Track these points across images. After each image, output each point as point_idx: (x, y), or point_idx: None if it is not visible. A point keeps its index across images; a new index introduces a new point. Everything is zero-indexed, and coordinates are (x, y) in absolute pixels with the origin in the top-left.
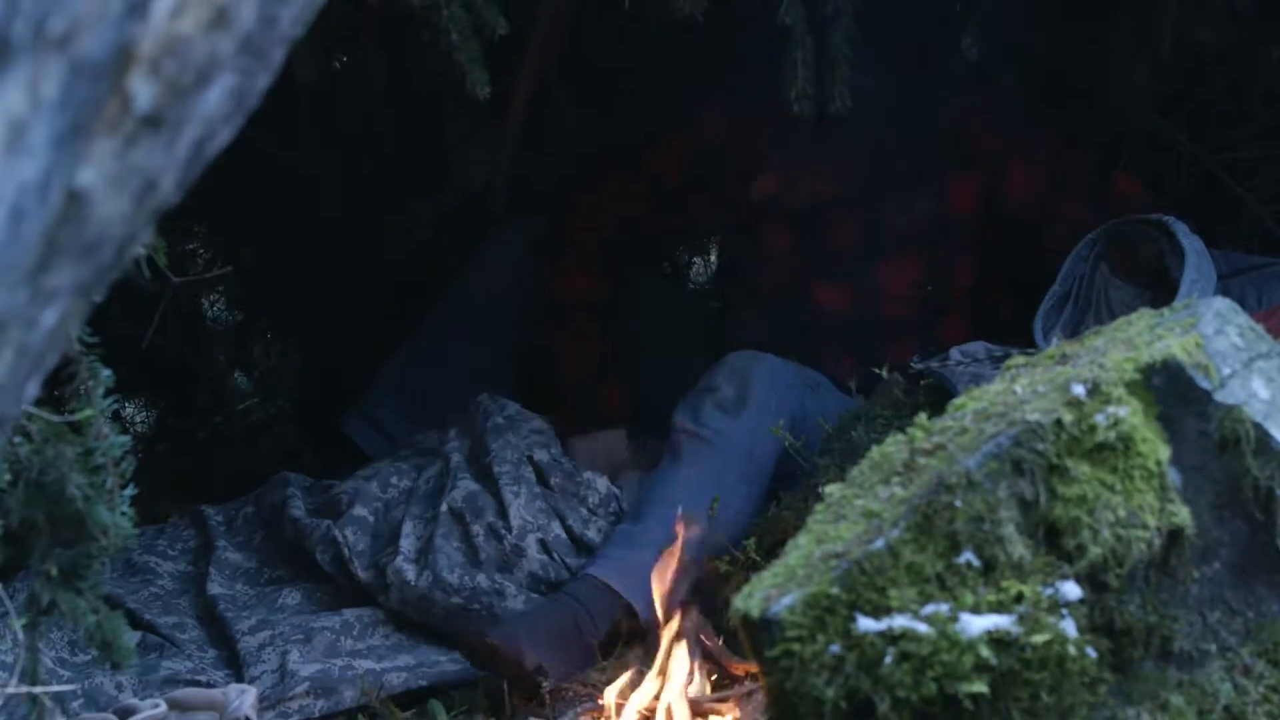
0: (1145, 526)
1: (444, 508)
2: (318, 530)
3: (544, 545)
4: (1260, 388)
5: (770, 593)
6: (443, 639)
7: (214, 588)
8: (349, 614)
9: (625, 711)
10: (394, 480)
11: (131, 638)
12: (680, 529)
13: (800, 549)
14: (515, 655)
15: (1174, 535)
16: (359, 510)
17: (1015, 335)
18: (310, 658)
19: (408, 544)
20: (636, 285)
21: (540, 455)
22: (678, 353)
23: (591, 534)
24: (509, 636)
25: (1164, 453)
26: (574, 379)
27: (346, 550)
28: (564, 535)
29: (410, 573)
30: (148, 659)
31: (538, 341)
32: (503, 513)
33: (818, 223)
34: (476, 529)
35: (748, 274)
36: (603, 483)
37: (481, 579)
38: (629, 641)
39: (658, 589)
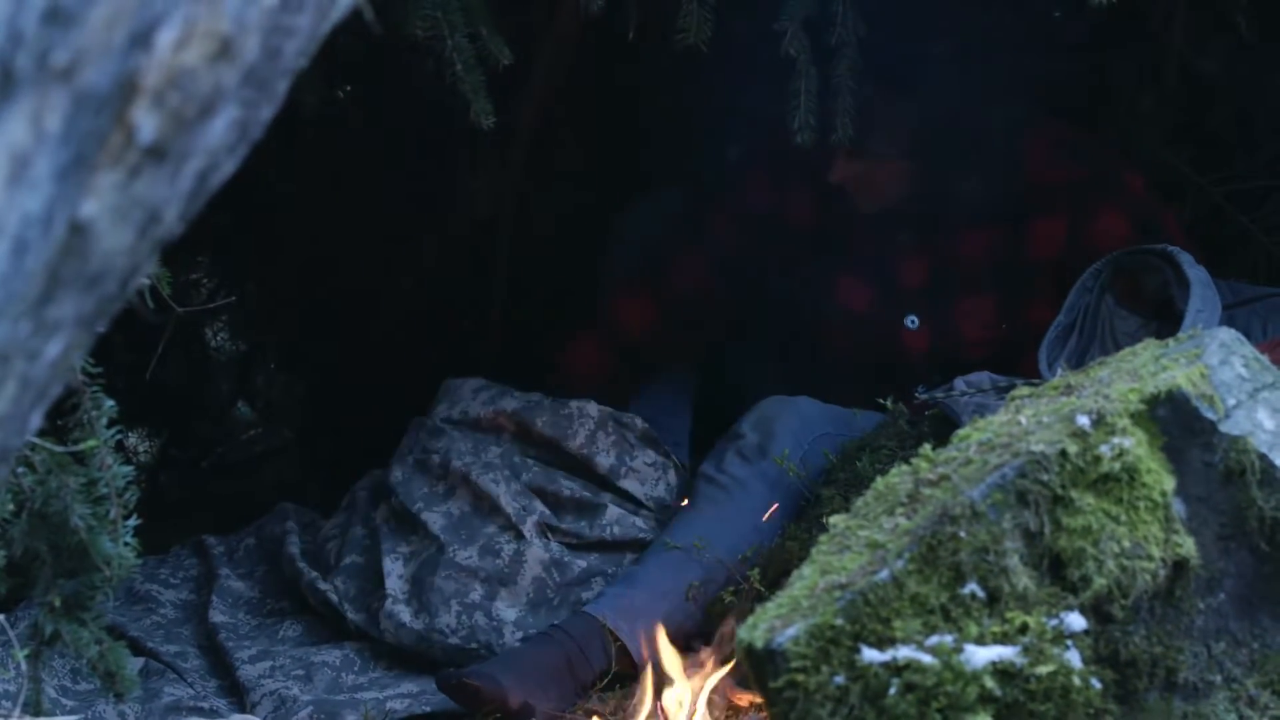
0: (1150, 557)
1: (424, 536)
2: (309, 578)
3: (544, 529)
4: (1265, 418)
5: (775, 624)
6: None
7: (216, 615)
8: (350, 648)
9: None
10: (375, 517)
11: (134, 665)
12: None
13: (804, 580)
14: (499, 695)
15: (1179, 566)
16: (348, 559)
17: None
18: (311, 692)
19: (394, 584)
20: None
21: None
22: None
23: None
24: (489, 677)
25: (1169, 483)
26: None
27: (335, 597)
28: (550, 511)
29: (404, 615)
30: (150, 686)
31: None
32: (494, 509)
33: (891, 265)
34: (468, 554)
35: (820, 324)
36: (592, 408)
37: (480, 617)
38: (622, 681)
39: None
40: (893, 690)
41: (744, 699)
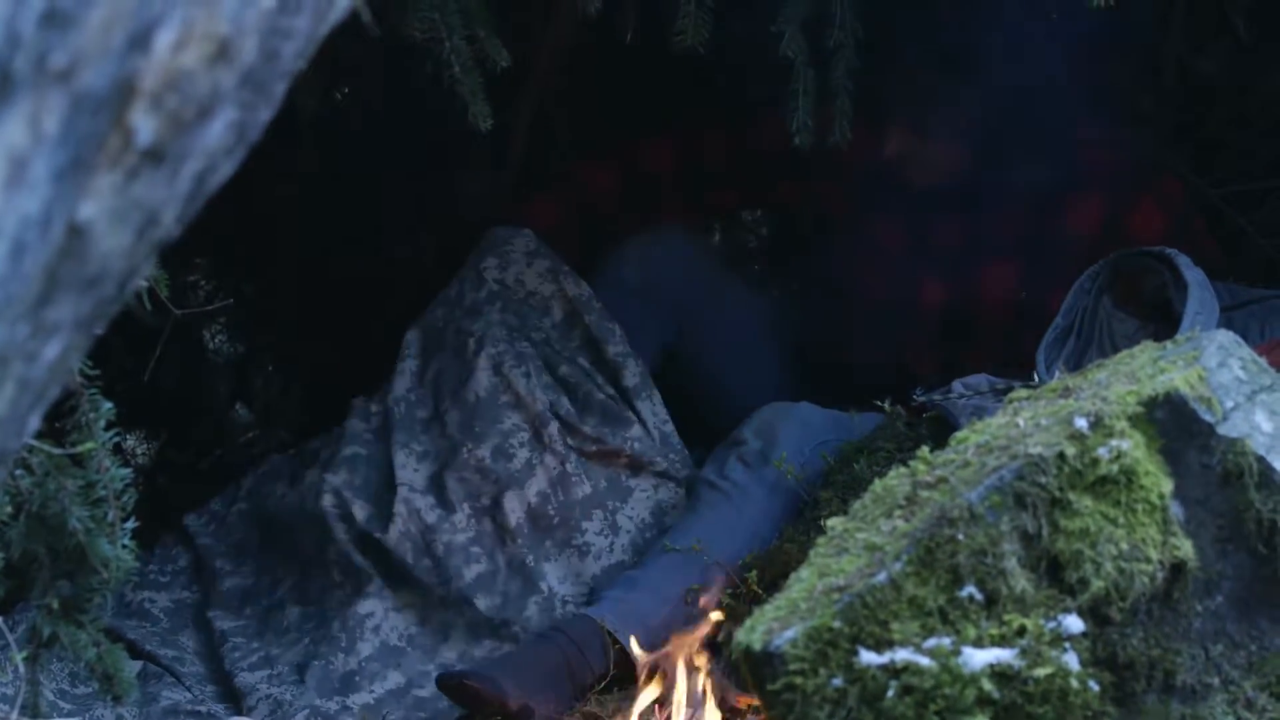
0: (1148, 560)
1: (440, 434)
2: (308, 481)
3: (565, 428)
4: (1263, 421)
5: (772, 626)
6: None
7: (222, 621)
8: (352, 660)
9: None
10: (373, 409)
11: (132, 668)
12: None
13: (802, 582)
14: (498, 697)
15: (1176, 569)
16: (348, 450)
17: None
18: (305, 696)
19: (408, 475)
20: (725, 286)
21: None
22: (753, 355)
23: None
24: (488, 680)
25: (1167, 486)
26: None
27: (335, 497)
28: (577, 411)
29: (420, 504)
30: (148, 690)
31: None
32: (518, 403)
33: (928, 220)
34: (482, 452)
35: (844, 270)
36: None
37: (487, 522)
38: (621, 684)
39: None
40: (891, 692)
41: (742, 701)
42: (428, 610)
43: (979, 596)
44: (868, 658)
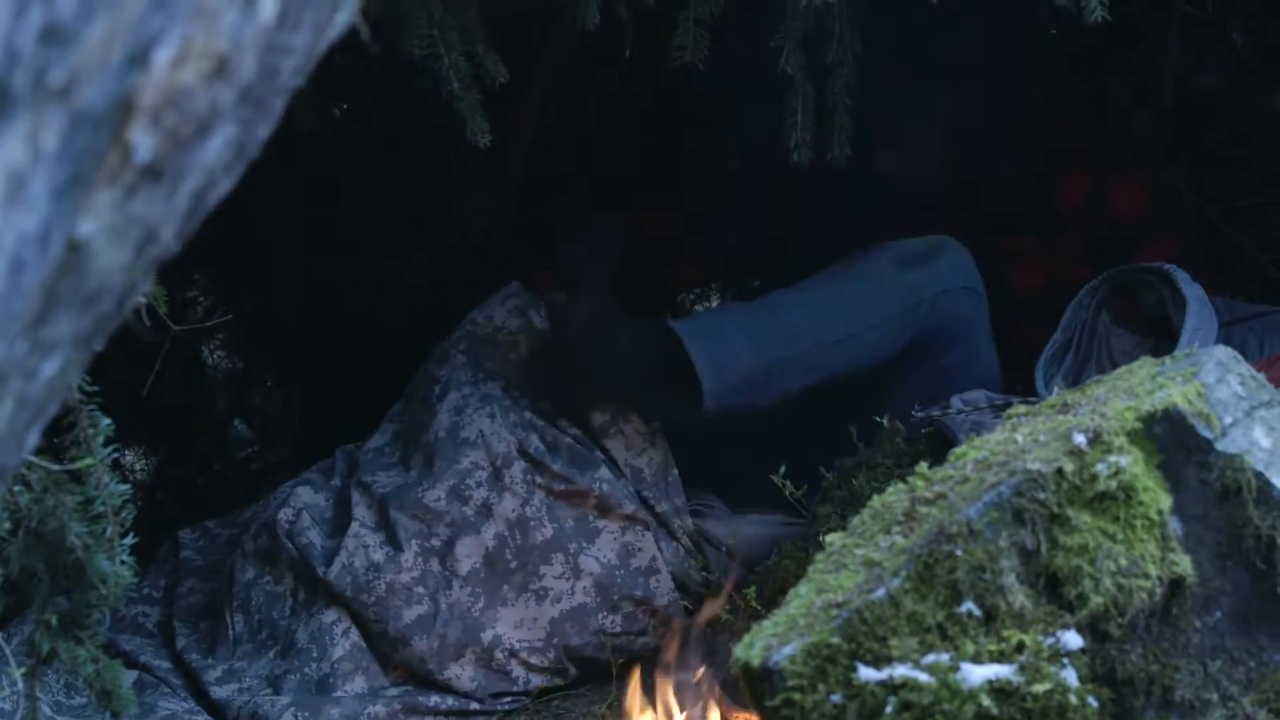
0: (1147, 576)
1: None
2: (273, 501)
3: (533, 465)
4: (1262, 437)
5: (771, 642)
6: (428, 681)
7: (180, 639)
8: (325, 665)
9: None
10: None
11: (129, 678)
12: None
13: (801, 598)
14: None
15: (1175, 584)
16: (310, 475)
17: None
18: (284, 703)
19: (361, 513)
20: None
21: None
22: None
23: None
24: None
25: (1165, 502)
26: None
27: (291, 513)
28: (545, 448)
29: (370, 540)
30: (145, 700)
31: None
32: (479, 441)
33: (930, 217)
34: (436, 494)
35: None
36: None
37: (435, 563)
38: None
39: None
40: (889, 709)
41: (740, 717)
42: (369, 639)
43: (978, 612)
44: (866, 674)
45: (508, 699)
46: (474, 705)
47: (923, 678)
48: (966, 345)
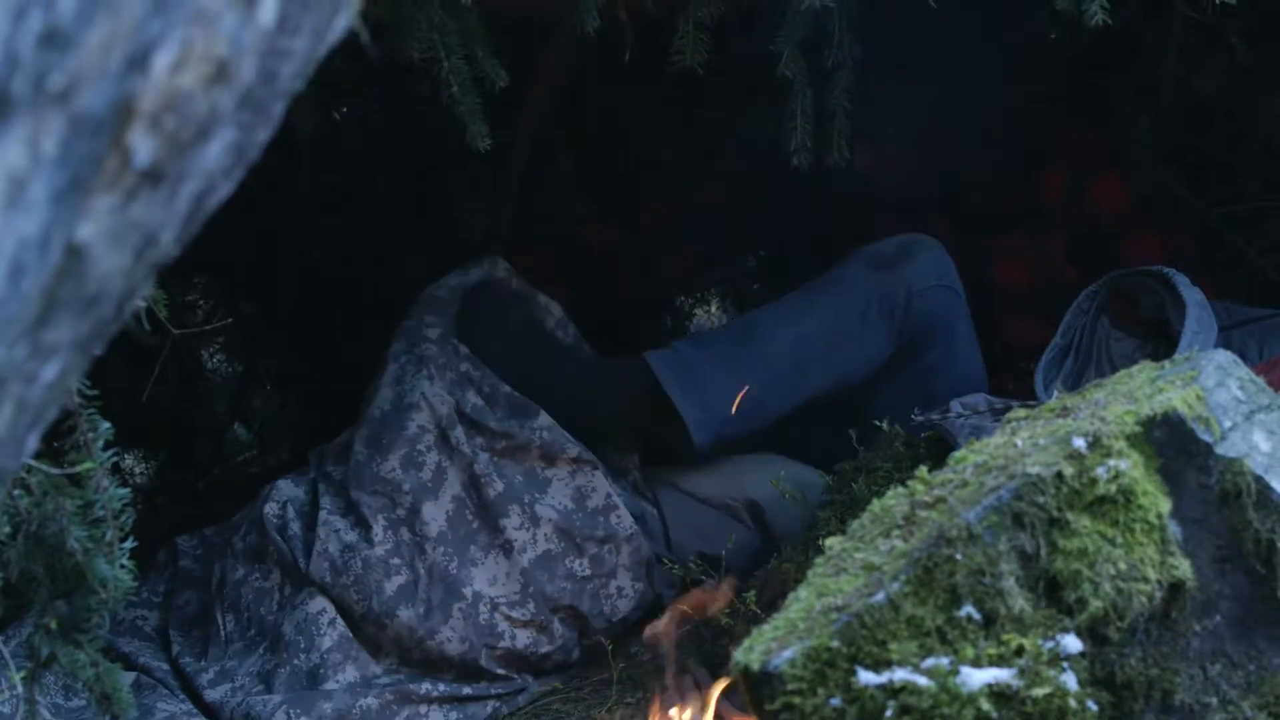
0: (1146, 580)
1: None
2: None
3: (472, 425)
4: (1261, 440)
5: (770, 646)
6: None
7: (175, 644)
8: (314, 656)
9: None
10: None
11: (128, 680)
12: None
13: (800, 602)
14: None
15: (1175, 588)
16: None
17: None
18: (276, 701)
19: (329, 501)
20: None
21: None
22: None
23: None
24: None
25: (1165, 506)
26: None
27: (277, 508)
28: (484, 403)
29: (340, 525)
30: (144, 702)
31: None
32: (421, 404)
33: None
34: (390, 465)
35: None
36: (556, 307)
37: (405, 532)
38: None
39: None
40: (889, 713)
41: None
42: (355, 625)
43: (977, 616)
44: (866, 677)
45: (499, 684)
46: (466, 690)
47: (922, 681)
48: (946, 343)
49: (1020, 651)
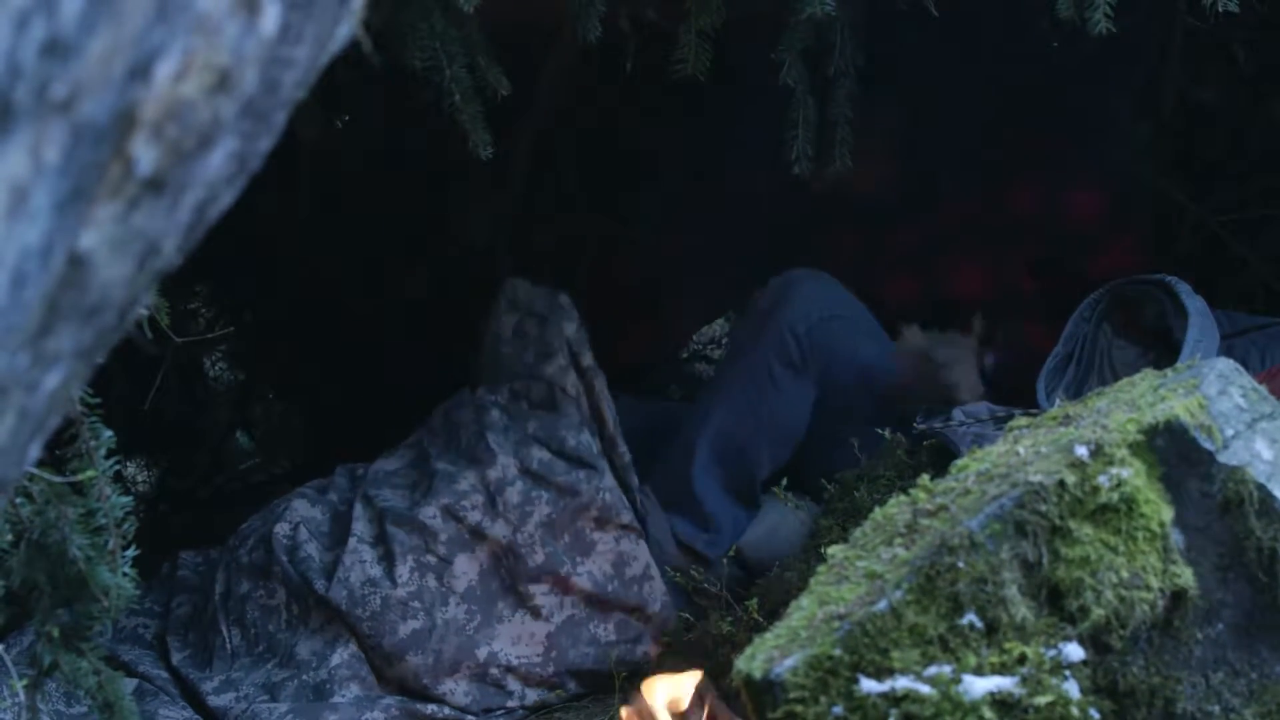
0: (1148, 588)
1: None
2: (270, 514)
3: (536, 480)
4: (1263, 449)
5: (773, 654)
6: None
7: (173, 652)
8: (323, 671)
9: None
10: (359, 471)
11: (129, 687)
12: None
13: (803, 610)
14: None
15: (1177, 596)
16: (328, 494)
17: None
18: (280, 711)
19: (361, 528)
20: None
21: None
22: None
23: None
24: None
25: (1167, 514)
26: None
27: (288, 528)
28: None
29: (367, 555)
30: (146, 709)
31: None
32: (477, 458)
33: (882, 230)
34: (431, 511)
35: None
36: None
37: (430, 579)
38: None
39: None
40: None
41: None
42: (366, 651)
43: (979, 624)
44: (868, 686)
45: (500, 711)
46: (469, 718)
47: (924, 689)
48: (850, 366)
49: (1022, 660)
